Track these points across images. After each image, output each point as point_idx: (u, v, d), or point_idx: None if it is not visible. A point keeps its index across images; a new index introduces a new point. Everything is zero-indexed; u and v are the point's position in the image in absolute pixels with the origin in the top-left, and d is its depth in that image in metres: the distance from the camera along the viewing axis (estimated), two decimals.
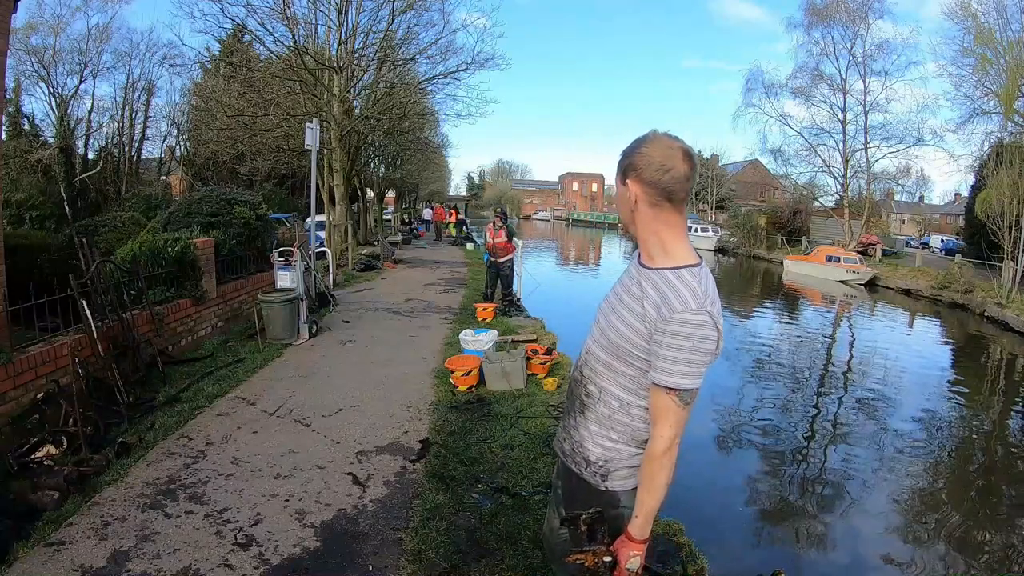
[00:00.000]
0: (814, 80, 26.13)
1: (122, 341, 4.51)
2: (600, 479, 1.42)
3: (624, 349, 1.35)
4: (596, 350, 1.44)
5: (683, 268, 1.31)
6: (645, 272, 1.35)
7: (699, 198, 48.01)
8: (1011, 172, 15.30)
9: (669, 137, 1.33)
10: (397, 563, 2.56)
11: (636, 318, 1.32)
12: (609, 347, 1.39)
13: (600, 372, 1.42)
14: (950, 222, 39.10)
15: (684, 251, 1.34)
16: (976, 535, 4.49)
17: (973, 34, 18.27)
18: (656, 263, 1.35)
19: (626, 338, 1.34)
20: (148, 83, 21.57)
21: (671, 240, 1.34)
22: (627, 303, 1.37)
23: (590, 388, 1.44)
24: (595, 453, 1.42)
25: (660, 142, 1.31)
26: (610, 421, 1.41)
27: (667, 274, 1.31)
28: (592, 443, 1.43)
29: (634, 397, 1.37)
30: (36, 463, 3.20)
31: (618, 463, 1.41)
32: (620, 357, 1.36)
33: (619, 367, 1.37)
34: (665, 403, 1.28)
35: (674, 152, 1.29)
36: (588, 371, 1.46)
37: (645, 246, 1.37)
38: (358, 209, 21.18)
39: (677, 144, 1.30)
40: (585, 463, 1.44)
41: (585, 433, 1.45)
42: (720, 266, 28.11)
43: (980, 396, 8.55)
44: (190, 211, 7.09)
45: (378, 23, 12.73)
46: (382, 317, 8.08)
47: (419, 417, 4.31)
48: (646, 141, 1.33)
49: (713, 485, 5.07)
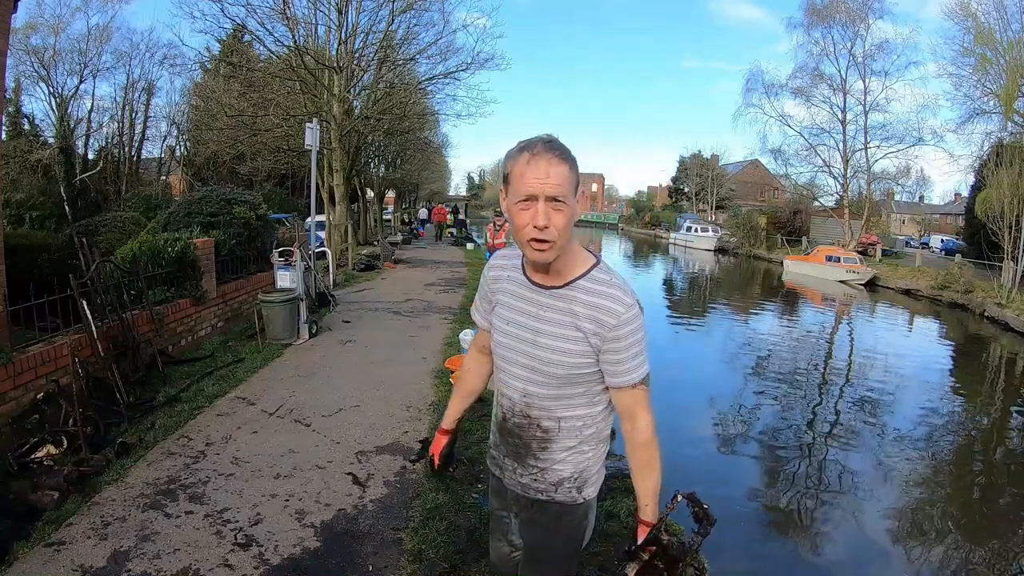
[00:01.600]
0: (814, 80, 26.19)
1: (122, 341, 4.50)
2: (576, 492, 1.39)
3: (572, 375, 1.30)
4: (537, 390, 1.34)
5: (591, 271, 1.28)
6: (556, 292, 1.28)
7: (699, 198, 48.02)
8: (1011, 172, 15.30)
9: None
10: (397, 563, 2.56)
11: (571, 341, 1.27)
12: (552, 381, 1.31)
13: (551, 407, 1.35)
14: (950, 222, 39.08)
15: (581, 253, 1.31)
16: (976, 535, 4.49)
17: (973, 34, 18.28)
18: (564, 277, 1.28)
19: (571, 365, 1.28)
20: (148, 83, 21.64)
21: (572, 246, 1.29)
22: (551, 331, 1.29)
23: (545, 424, 1.36)
24: (568, 471, 1.38)
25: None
26: (579, 438, 1.37)
27: (583, 284, 1.27)
28: (562, 464, 1.37)
29: (594, 407, 1.36)
30: (36, 463, 3.19)
31: (591, 469, 1.40)
32: (569, 383, 1.31)
33: (571, 392, 1.33)
34: (634, 395, 1.29)
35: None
36: (536, 412, 1.36)
37: (559, 262, 1.26)
38: (358, 209, 21.19)
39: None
40: (555, 487, 1.38)
41: (550, 462, 1.38)
42: (720, 266, 28.11)
43: (980, 396, 8.55)
44: (190, 211, 7.09)
45: (378, 23, 12.74)
46: (382, 317, 8.08)
47: (419, 417, 4.31)
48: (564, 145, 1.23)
49: (713, 485, 5.06)
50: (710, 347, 11.10)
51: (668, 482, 1.34)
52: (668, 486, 1.34)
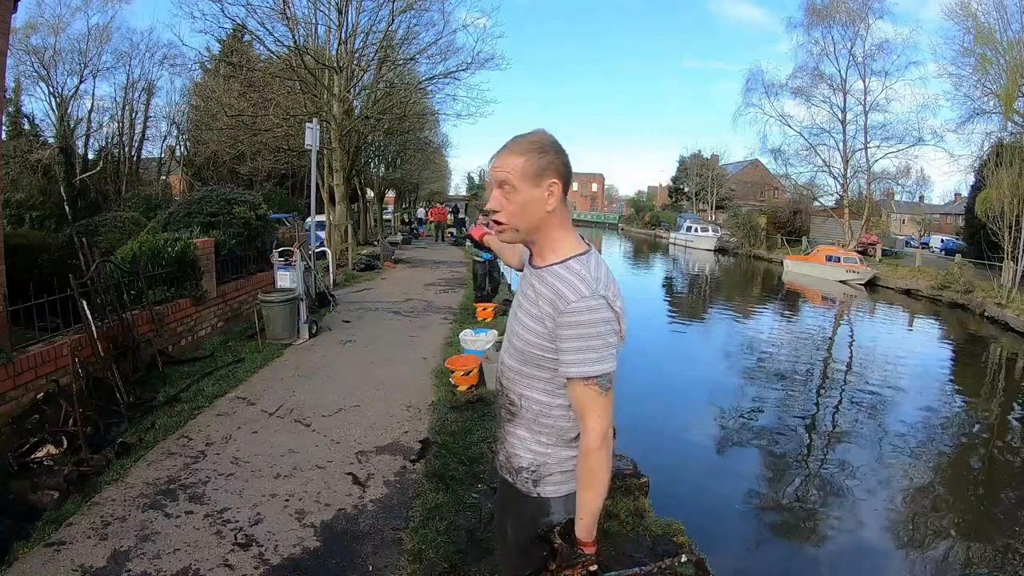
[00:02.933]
0: (814, 80, 26.15)
1: (122, 341, 4.50)
2: (532, 485, 1.38)
3: (531, 354, 1.33)
4: (507, 359, 1.43)
5: (570, 259, 1.30)
6: (537, 272, 1.35)
7: (699, 198, 48.00)
8: (1011, 172, 15.29)
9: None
10: (397, 563, 2.56)
11: (534, 320, 1.31)
12: (516, 354, 1.38)
13: (516, 380, 1.40)
14: (950, 222, 39.07)
15: (571, 243, 1.34)
16: (976, 535, 4.49)
17: (973, 34, 18.26)
18: (546, 260, 1.34)
19: (530, 342, 1.33)
20: (148, 83, 21.57)
21: (561, 235, 1.34)
22: (525, 308, 1.36)
23: (511, 396, 1.41)
24: (526, 459, 1.39)
25: (550, 136, 1.32)
26: (536, 425, 1.38)
27: (555, 268, 1.30)
28: (523, 449, 1.40)
29: (552, 398, 1.35)
30: (36, 463, 3.19)
31: (551, 467, 1.37)
32: (529, 362, 1.35)
33: (531, 371, 1.36)
34: (585, 394, 1.25)
35: (558, 143, 1.31)
36: (506, 381, 1.43)
37: (539, 247, 1.36)
38: (358, 209, 21.18)
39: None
40: (516, 471, 1.41)
41: (515, 441, 1.42)
42: (720, 266, 28.11)
43: (980, 396, 8.55)
44: (190, 211, 7.09)
45: (378, 23, 12.74)
46: (382, 317, 8.08)
47: (419, 417, 4.31)
48: (546, 136, 1.32)
49: (713, 485, 5.06)
50: (710, 347, 11.10)
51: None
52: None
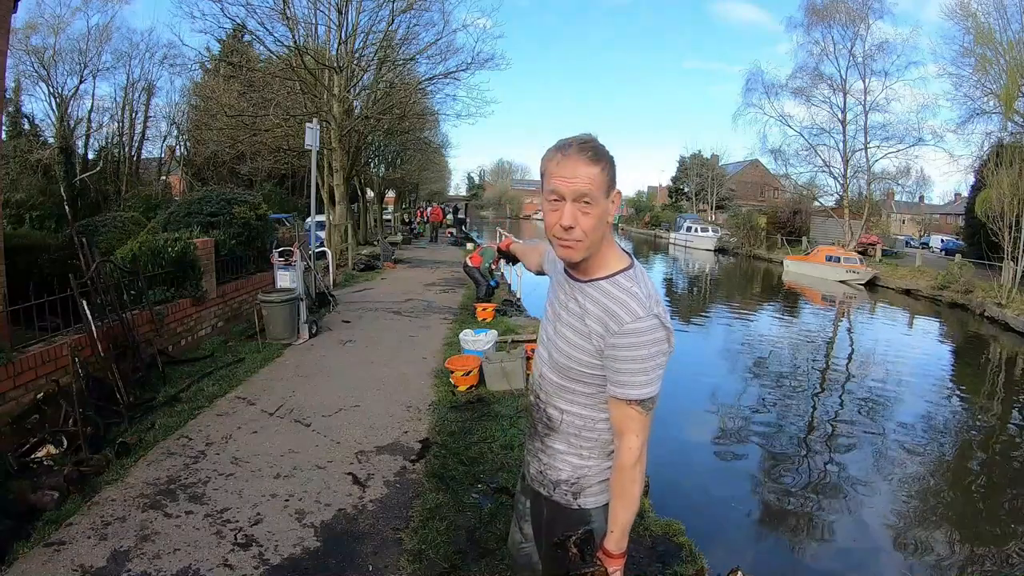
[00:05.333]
0: (814, 80, 26.14)
1: (122, 341, 4.50)
2: (572, 498, 1.37)
3: (575, 370, 1.29)
4: (548, 373, 1.38)
5: (617, 274, 1.25)
6: (579, 286, 1.29)
7: (699, 198, 48.01)
8: (1011, 172, 15.27)
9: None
10: (397, 563, 2.56)
11: (580, 336, 1.26)
12: (558, 369, 1.34)
13: (556, 394, 1.36)
14: (950, 222, 39.05)
15: (615, 255, 1.29)
16: (976, 535, 4.48)
17: (973, 34, 18.26)
18: (590, 274, 1.28)
19: (574, 358, 1.29)
20: (148, 83, 21.57)
21: (607, 247, 1.27)
22: (567, 321, 1.31)
23: (550, 412, 1.38)
24: (566, 472, 1.37)
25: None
26: (578, 439, 1.35)
27: (603, 284, 1.25)
28: (562, 462, 1.37)
29: (597, 412, 1.32)
30: (36, 463, 3.20)
31: (590, 479, 1.36)
32: (572, 378, 1.31)
33: (574, 387, 1.32)
34: (628, 414, 1.23)
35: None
36: (544, 395, 1.39)
37: (587, 258, 1.27)
38: (358, 209, 21.19)
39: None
40: (554, 485, 1.38)
41: (552, 455, 1.39)
42: (720, 266, 28.11)
43: (980, 396, 8.54)
44: (190, 211, 7.09)
45: (378, 23, 12.76)
46: (382, 317, 8.08)
47: (419, 417, 4.31)
48: (599, 140, 1.24)
49: (713, 485, 5.06)
50: (710, 347, 11.09)
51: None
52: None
